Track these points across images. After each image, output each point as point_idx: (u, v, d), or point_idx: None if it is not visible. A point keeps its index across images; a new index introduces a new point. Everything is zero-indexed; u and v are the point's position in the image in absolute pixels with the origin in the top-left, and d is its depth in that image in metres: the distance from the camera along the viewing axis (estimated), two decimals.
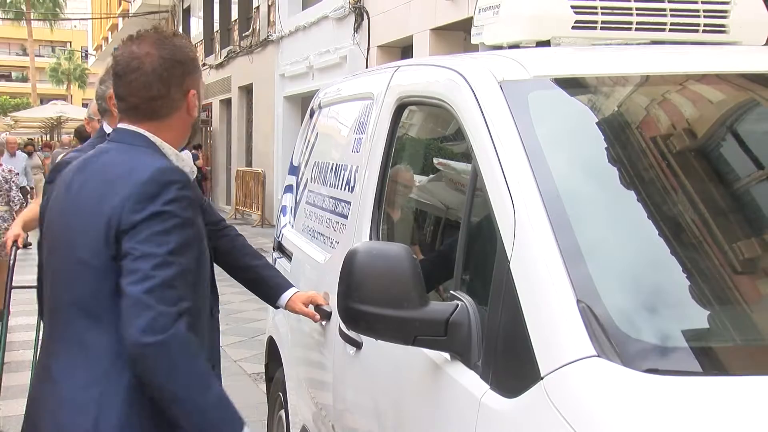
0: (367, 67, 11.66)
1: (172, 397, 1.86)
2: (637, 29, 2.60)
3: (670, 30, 2.62)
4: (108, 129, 2.81)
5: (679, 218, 1.91)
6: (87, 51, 51.86)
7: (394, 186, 2.74)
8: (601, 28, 2.59)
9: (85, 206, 1.96)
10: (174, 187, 1.92)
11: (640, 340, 1.61)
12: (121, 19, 33.61)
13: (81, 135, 11.30)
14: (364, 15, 12.41)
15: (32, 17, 43.86)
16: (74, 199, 2.00)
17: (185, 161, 2.14)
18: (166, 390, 1.86)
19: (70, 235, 1.98)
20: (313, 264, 3.25)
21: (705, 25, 2.64)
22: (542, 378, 1.59)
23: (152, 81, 2.02)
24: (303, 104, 15.14)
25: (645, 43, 2.63)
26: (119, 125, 2.10)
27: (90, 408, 1.90)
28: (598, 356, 1.55)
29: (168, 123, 2.08)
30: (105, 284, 1.91)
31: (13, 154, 13.74)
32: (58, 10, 46.48)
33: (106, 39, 39.90)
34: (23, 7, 44.14)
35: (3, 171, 7.97)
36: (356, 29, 12.68)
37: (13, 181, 7.93)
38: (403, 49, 11.62)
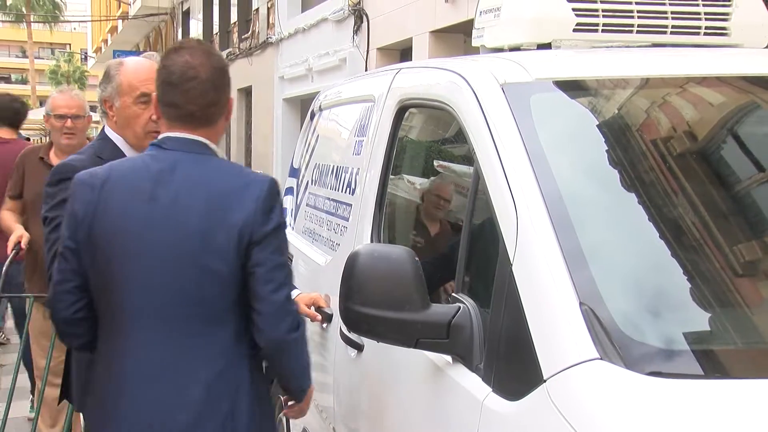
0: (366, 69, 11.66)
1: (294, 372, 2.25)
2: (638, 32, 2.60)
3: (672, 33, 2.62)
4: (109, 132, 2.81)
5: (681, 221, 1.91)
6: (86, 53, 51.84)
7: (435, 199, 2.73)
8: (602, 31, 2.59)
9: (197, 218, 2.06)
10: (280, 197, 2.16)
11: (642, 342, 1.61)
12: (120, 21, 33.61)
13: None
14: (364, 17, 12.41)
15: (32, 19, 43.87)
16: (171, 210, 2.08)
17: None
18: (294, 368, 2.24)
19: (184, 244, 2.06)
20: (313, 266, 3.25)
21: (706, 27, 2.64)
22: (545, 381, 1.59)
23: (208, 89, 2.14)
24: (302, 106, 15.14)
25: (646, 46, 2.64)
26: (174, 134, 2.16)
27: (224, 398, 2.10)
28: (601, 359, 1.55)
29: (215, 129, 2.21)
30: (228, 289, 2.08)
31: None
32: (57, 12, 46.48)
33: (106, 41, 39.89)
34: (23, 9, 44.16)
35: None
36: (356, 31, 12.69)
37: None
38: (403, 52, 11.62)
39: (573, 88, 2.21)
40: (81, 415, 2.95)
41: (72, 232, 2.15)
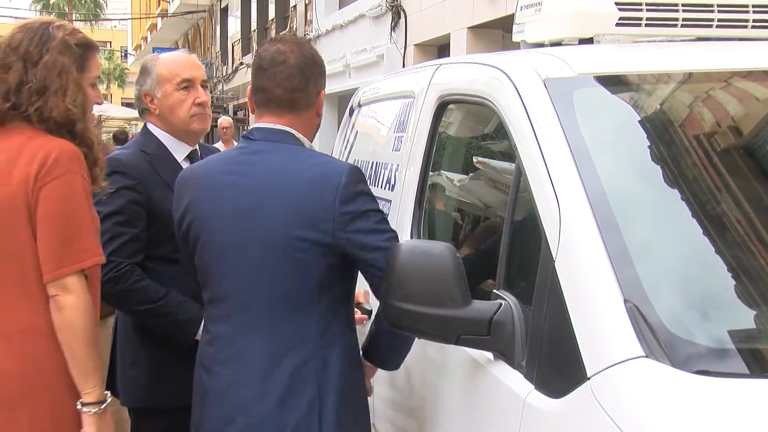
0: (404, 65, 11.64)
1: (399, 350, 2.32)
2: (683, 26, 2.56)
3: (718, 26, 2.57)
4: (151, 127, 2.84)
5: (727, 218, 1.88)
6: (126, 51, 52.47)
7: None
8: (646, 25, 2.55)
9: (280, 207, 2.11)
10: (362, 183, 2.19)
11: (689, 341, 1.58)
12: (160, 18, 33.96)
13: (117, 138, 11.44)
14: (401, 13, 12.39)
15: (74, 18, 44.52)
16: (254, 201, 2.13)
17: None
18: (400, 346, 2.30)
19: (270, 234, 2.11)
20: None
21: (754, 20, 2.59)
22: (589, 378, 1.57)
23: (295, 74, 2.20)
24: (340, 103, 15.16)
25: (690, 40, 2.60)
26: (262, 124, 2.24)
27: (310, 385, 2.13)
28: (647, 357, 1.53)
29: (302, 118, 2.25)
30: (313, 275, 2.13)
31: None
32: (98, 10, 47.13)
33: (145, 39, 40.33)
34: (65, 8, 44.83)
35: None
36: (393, 28, 12.67)
37: None
38: (440, 48, 11.58)
39: (616, 83, 2.18)
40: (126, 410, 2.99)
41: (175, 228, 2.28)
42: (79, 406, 2.19)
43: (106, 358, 2.80)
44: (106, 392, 2.25)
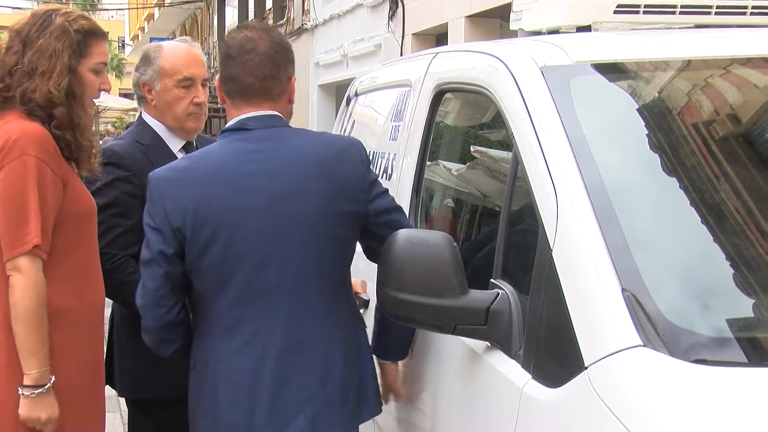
0: (401, 55, 11.61)
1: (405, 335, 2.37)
2: (681, 13, 2.54)
3: (716, 13, 2.55)
4: (146, 117, 2.82)
5: (725, 207, 1.87)
6: (124, 41, 52.31)
7: None
8: (644, 12, 2.53)
9: (315, 187, 2.11)
10: None
11: (687, 330, 1.58)
12: (157, 8, 33.84)
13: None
14: (399, 3, 12.35)
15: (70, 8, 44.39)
16: (289, 185, 2.11)
17: None
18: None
19: (309, 215, 2.11)
20: None
21: (753, 7, 2.57)
22: (586, 368, 1.56)
23: (265, 61, 2.14)
24: (337, 93, 15.12)
25: (689, 27, 2.58)
26: (253, 113, 2.16)
27: (356, 365, 2.22)
28: (644, 346, 1.52)
29: (278, 107, 2.21)
30: (348, 257, 2.23)
31: None
32: (95, 1, 46.98)
33: (143, 29, 40.22)
34: None
35: None
36: (391, 17, 12.63)
37: None
38: (438, 37, 11.55)
39: (614, 70, 2.17)
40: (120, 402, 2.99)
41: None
42: (19, 389, 2.21)
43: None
44: (50, 376, 2.24)
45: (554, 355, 1.69)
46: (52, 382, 2.24)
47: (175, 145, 2.79)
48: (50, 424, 2.25)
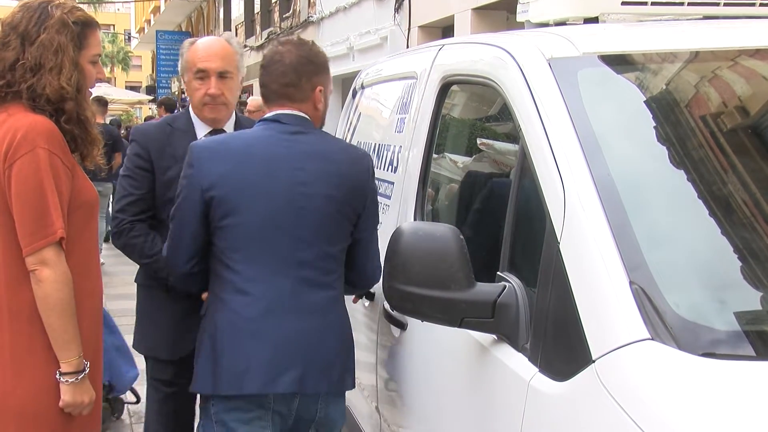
0: (407, 47, 11.58)
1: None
2: (689, 4, 2.52)
3: (725, 4, 2.53)
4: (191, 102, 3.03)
5: (734, 199, 1.86)
6: (130, 34, 52.28)
7: None
8: (652, 4, 2.52)
9: (332, 180, 2.45)
10: None
11: (695, 323, 1.57)
12: (163, 1, 33.82)
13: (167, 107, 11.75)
14: None
15: (77, 1, 44.38)
16: (310, 175, 2.43)
17: None
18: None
19: (327, 204, 2.43)
20: None
21: None
22: (594, 361, 1.56)
23: (288, 71, 2.50)
24: (343, 85, 15.09)
25: (697, 19, 2.56)
26: (287, 111, 2.51)
27: (345, 338, 2.51)
28: (652, 339, 1.51)
29: (303, 109, 2.51)
30: (345, 240, 2.50)
31: None
32: None
33: (149, 21, 40.19)
34: None
35: None
36: (397, 9, 12.59)
37: None
38: (444, 29, 11.50)
39: (621, 62, 2.15)
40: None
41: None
42: (57, 376, 2.25)
43: None
44: (85, 362, 2.30)
45: (561, 348, 1.69)
46: (87, 366, 2.30)
47: (201, 131, 2.98)
48: (89, 407, 2.33)
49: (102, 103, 10.08)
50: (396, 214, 2.78)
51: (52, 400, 2.26)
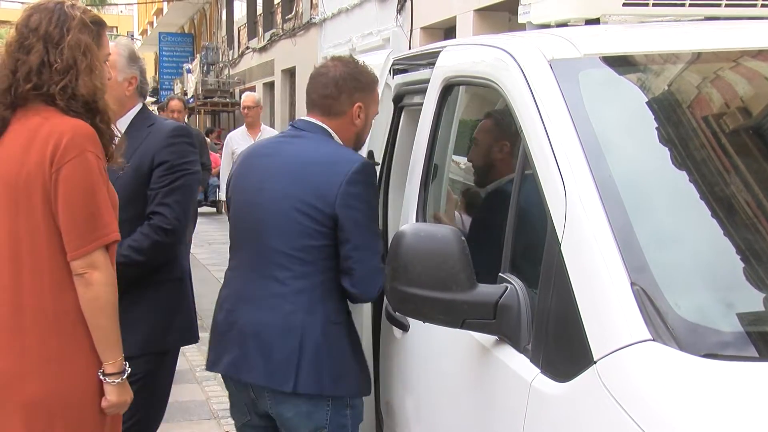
0: (410, 48, 11.58)
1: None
2: (691, 5, 2.53)
3: (727, 5, 2.54)
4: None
5: (736, 200, 1.86)
6: (133, 35, 52.40)
7: None
8: (654, 5, 2.52)
9: (294, 182, 2.54)
10: (370, 179, 2.62)
11: (696, 324, 1.57)
12: (166, 3, 33.86)
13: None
14: None
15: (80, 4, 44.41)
16: (277, 176, 2.58)
17: None
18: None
19: (304, 199, 2.51)
20: None
21: None
22: (595, 362, 1.56)
23: (329, 84, 2.66)
24: None
25: (698, 20, 2.56)
26: (306, 118, 2.70)
27: (295, 334, 2.52)
28: (654, 340, 1.51)
29: (337, 123, 2.66)
30: (315, 247, 2.53)
31: None
32: None
33: (151, 23, 40.26)
34: None
35: None
36: (399, 11, 12.60)
37: None
38: (446, 31, 11.52)
39: (623, 63, 2.15)
40: None
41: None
42: (101, 376, 2.28)
43: None
44: (125, 362, 2.33)
45: (563, 349, 1.69)
46: (127, 367, 2.34)
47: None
48: (127, 406, 2.38)
49: None
50: (398, 216, 2.78)
51: (95, 400, 2.29)
